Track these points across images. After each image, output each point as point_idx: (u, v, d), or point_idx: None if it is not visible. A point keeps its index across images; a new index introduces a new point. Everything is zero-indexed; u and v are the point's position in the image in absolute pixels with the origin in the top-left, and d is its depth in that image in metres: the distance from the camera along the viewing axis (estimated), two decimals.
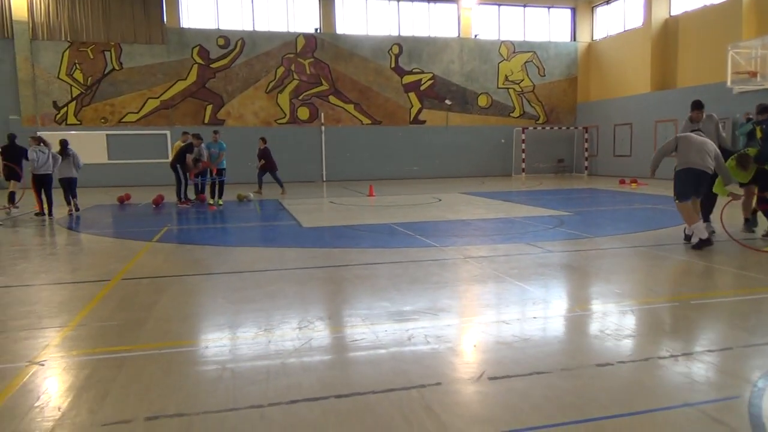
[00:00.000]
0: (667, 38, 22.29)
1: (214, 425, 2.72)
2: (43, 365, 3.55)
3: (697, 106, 8.11)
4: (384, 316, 4.51)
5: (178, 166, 13.66)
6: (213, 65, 23.07)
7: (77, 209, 12.41)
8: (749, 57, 17.30)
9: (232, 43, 23.13)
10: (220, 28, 23.25)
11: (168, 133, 22.42)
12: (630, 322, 4.34)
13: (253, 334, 4.11)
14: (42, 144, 11.86)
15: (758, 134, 8.33)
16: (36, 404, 2.99)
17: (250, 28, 23.52)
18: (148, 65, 22.52)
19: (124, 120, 22.47)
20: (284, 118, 23.90)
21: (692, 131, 7.77)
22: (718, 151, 7.44)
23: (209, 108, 23.14)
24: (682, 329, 4.02)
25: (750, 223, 8.40)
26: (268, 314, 4.59)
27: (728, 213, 8.09)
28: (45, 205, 11.75)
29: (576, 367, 3.37)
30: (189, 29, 22.87)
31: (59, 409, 2.93)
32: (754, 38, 17.50)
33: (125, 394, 3.09)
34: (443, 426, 2.66)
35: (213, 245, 8.34)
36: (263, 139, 17.49)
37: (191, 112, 22.97)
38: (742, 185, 8.05)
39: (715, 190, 7.62)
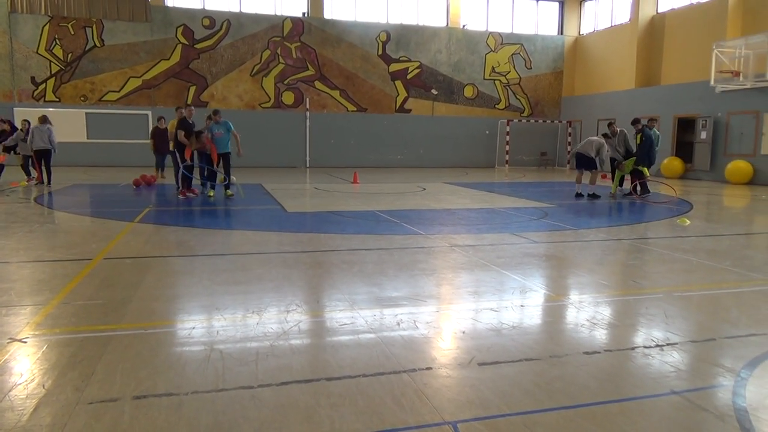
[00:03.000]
0: (653, 35, 22.48)
1: (204, 405, 2.69)
2: (25, 342, 3.48)
3: (610, 124, 12.89)
4: (372, 301, 4.50)
5: (175, 150, 12.13)
6: (197, 46, 22.68)
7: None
8: (733, 56, 17.54)
9: (217, 24, 22.75)
10: (206, 8, 22.84)
11: (149, 113, 22.00)
12: (616, 312, 4.39)
13: (240, 316, 4.07)
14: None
15: (637, 140, 12.38)
16: (19, 382, 2.93)
17: (237, 10, 23.15)
18: (131, 43, 22.06)
19: (104, 99, 22.01)
20: (269, 102, 23.64)
21: (603, 135, 12.60)
22: (604, 146, 12.02)
23: (192, 89, 22.77)
24: (666, 320, 4.08)
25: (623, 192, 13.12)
26: (255, 297, 4.55)
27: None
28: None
29: (564, 355, 3.41)
30: (174, 8, 22.42)
31: (43, 386, 2.87)
32: (739, 38, 17.74)
33: (112, 372, 3.04)
34: (435, 410, 2.67)
35: (196, 227, 8.24)
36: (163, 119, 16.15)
37: (174, 92, 22.59)
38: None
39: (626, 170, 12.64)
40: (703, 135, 19.36)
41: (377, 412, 2.64)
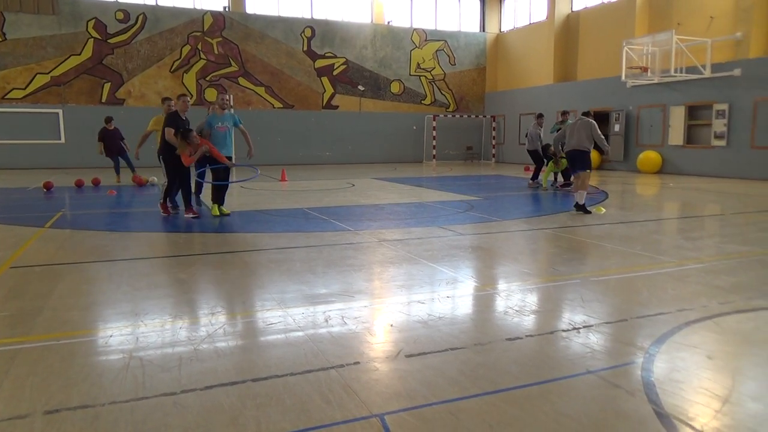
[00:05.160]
0: (568, 32, 23.49)
1: (122, 415, 2.57)
2: None
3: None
4: (300, 299, 4.46)
5: (161, 156, 8.92)
6: (111, 40, 21.60)
7: None
8: (641, 53, 18.60)
9: (132, 18, 21.75)
10: (119, 0, 21.79)
11: (60, 111, 20.77)
12: (536, 298, 4.57)
13: (161, 321, 3.92)
14: None
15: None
16: None
17: (153, 3, 22.23)
18: (37, 37, 20.70)
19: (8, 96, 20.54)
20: (191, 99, 22.80)
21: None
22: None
23: (107, 86, 21.69)
24: (583, 304, 4.29)
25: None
26: (178, 300, 4.40)
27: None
28: None
29: (488, 342, 3.51)
30: (83, 0, 21.23)
31: None
32: (646, 35, 18.82)
33: (20, 387, 2.86)
34: (362, 403, 2.68)
35: (114, 231, 7.87)
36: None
37: (86, 89, 21.43)
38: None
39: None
40: (617, 128, 20.45)
41: (304, 409, 2.62)
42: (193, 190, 9.34)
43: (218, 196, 9.10)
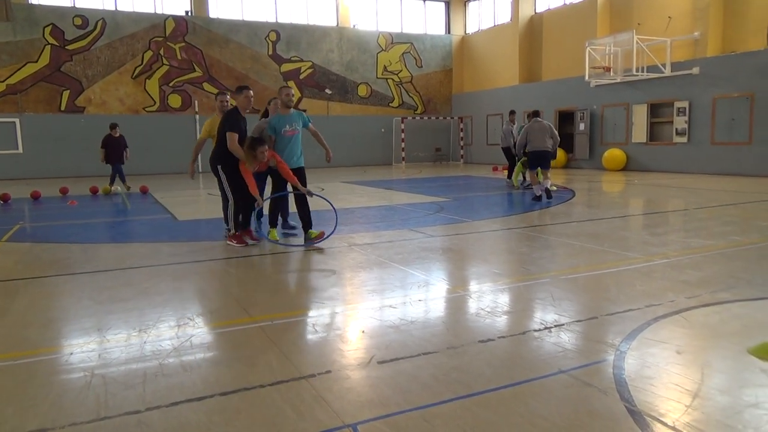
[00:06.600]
0: (532, 34, 23.82)
1: None
2: None
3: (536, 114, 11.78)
4: (269, 307, 4.37)
5: (219, 166, 6.90)
6: (69, 47, 21.05)
7: None
8: (604, 53, 18.96)
9: (91, 24, 21.24)
10: (77, 6, 21.25)
11: (17, 120, 20.16)
12: (507, 298, 4.57)
13: (125, 335, 3.79)
14: None
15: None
16: None
17: (112, 8, 21.74)
18: None
19: None
20: (154, 105, 22.43)
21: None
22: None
23: (66, 94, 21.12)
24: (554, 303, 4.30)
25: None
26: (142, 313, 4.27)
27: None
28: None
29: (461, 345, 3.48)
30: (39, 6, 20.64)
31: None
32: (608, 36, 19.19)
33: None
34: (335, 414, 2.62)
35: (76, 243, 7.62)
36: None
37: (44, 98, 20.82)
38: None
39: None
40: (582, 126, 20.81)
41: (275, 422, 2.55)
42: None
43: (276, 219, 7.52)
